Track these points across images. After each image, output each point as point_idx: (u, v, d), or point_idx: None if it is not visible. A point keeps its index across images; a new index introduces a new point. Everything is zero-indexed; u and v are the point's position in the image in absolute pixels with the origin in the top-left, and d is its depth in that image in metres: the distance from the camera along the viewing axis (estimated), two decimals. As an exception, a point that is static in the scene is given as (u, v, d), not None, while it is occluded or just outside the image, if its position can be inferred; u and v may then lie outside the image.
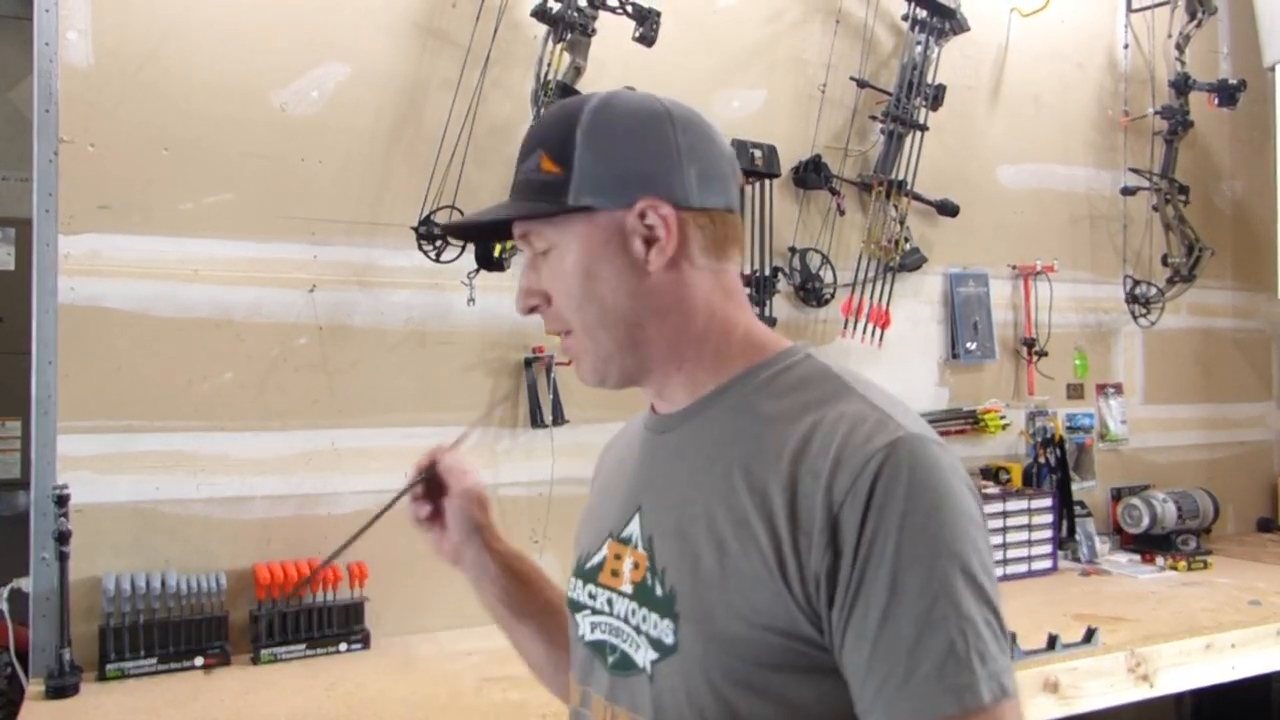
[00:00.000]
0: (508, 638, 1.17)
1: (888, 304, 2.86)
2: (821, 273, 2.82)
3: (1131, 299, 3.31)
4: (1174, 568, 3.02)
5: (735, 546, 0.83)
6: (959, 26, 2.97)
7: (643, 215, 0.90)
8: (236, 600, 2.11)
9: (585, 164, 0.90)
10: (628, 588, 0.91)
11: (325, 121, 2.23)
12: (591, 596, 0.96)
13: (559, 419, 2.44)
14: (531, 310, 0.96)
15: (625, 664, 0.90)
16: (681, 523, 0.88)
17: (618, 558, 0.94)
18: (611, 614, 0.93)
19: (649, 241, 0.90)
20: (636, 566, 0.91)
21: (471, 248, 2.21)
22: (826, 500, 0.79)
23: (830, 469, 0.80)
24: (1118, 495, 3.34)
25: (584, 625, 0.97)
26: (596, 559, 0.97)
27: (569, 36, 2.29)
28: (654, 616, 0.88)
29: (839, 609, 0.78)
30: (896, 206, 2.89)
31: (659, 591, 0.88)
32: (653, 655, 0.87)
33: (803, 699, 0.81)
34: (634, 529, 0.93)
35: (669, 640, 0.86)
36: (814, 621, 0.79)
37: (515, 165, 0.96)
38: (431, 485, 1.14)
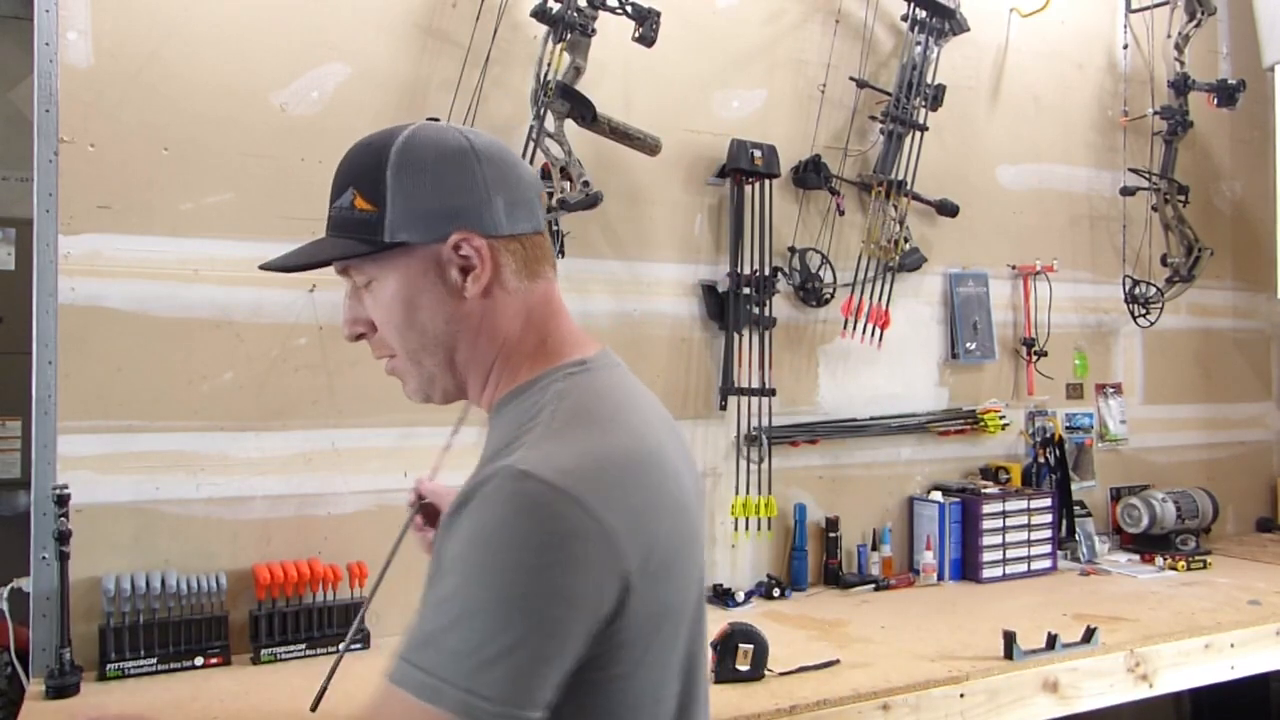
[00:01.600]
0: None
1: (887, 304, 2.86)
2: (821, 273, 2.82)
3: (1131, 299, 3.31)
4: (1173, 568, 3.02)
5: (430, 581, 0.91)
6: (959, 27, 2.97)
7: (457, 248, 0.96)
8: (236, 600, 2.11)
9: (398, 201, 0.96)
10: None
11: (325, 121, 2.23)
12: None
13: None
14: (358, 338, 1.03)
15: None
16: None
17: None
18: None
19: (465, 270, 0.97)
20: None
21: None
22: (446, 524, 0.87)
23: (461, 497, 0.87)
24: (1117, 495, 3.35)
25: None
26: None
27: (569, 37, 2.29)
28: None
29: None
30: (896, 206, 2.89)
31: None
32: None
33: None
34: None
35: None
36: None
37: (329, 201, 1.01)
38: (428, 511, 1.25)
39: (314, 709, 1.21)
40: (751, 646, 1.95)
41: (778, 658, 2.01)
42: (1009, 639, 2.11)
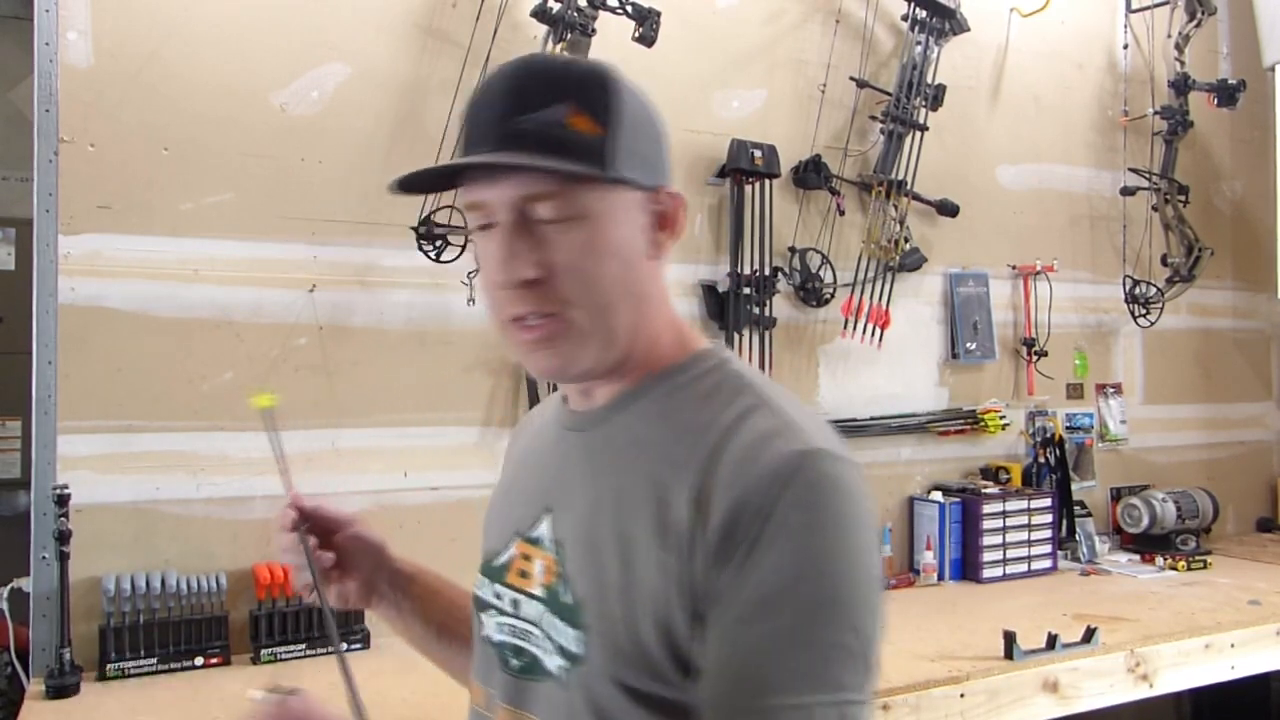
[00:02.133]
0: (434, 658, 1.14)
1: (888, 304, 2.86)
2: (821, 273, 2.82)
3: (1131, 299, 3.31)
4: (1174, 568, 3.02)
5: (640, 557, 0.81)
6: (959, 26, 2.97)
7: (663, 201, 0.88)
8: (236, 600, 2.11)
9: (627, 132, 0.83)
10: (538, 590, 0.88)
11: (325, 121, 2.23)
12: (498, 596, 0.93)
13: (559, 419, 2.44)
14: (528, 283, 0.83)
15: (534, 668, 0.88)
16: (592, 530, 0.85)
17: (526, 558, 0.91)
18: (518, 616, 0.90)
19: (661, 226, 0.88)
20: (547, 570, 0.88)
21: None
22: (727, 511, 0.77)
23: (733, 481, 0.78)
24: (1117, 495, 3.34)
25: (489, 625, 0.94)
26: (504, 558, 0.94)
27: (569, 37, 2.29)
28: (562, 624, 0.85)
29: (716, 611, 0.77)
30: (896, 206, 2.89)
31: (568, 599, 0.85)
32: (562, 662, 0.85)
33: None
34: (544, 531, 0.90)
35: (577, 650, 0.83)
36: (693, 637, 0.78)
37: (500, 108, 0.82)
38: (315, 530, 1.12)
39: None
40: (752, 646, 1.94)
41: (778, 658, 2.01)
42: (1009, 639, 2.11)
